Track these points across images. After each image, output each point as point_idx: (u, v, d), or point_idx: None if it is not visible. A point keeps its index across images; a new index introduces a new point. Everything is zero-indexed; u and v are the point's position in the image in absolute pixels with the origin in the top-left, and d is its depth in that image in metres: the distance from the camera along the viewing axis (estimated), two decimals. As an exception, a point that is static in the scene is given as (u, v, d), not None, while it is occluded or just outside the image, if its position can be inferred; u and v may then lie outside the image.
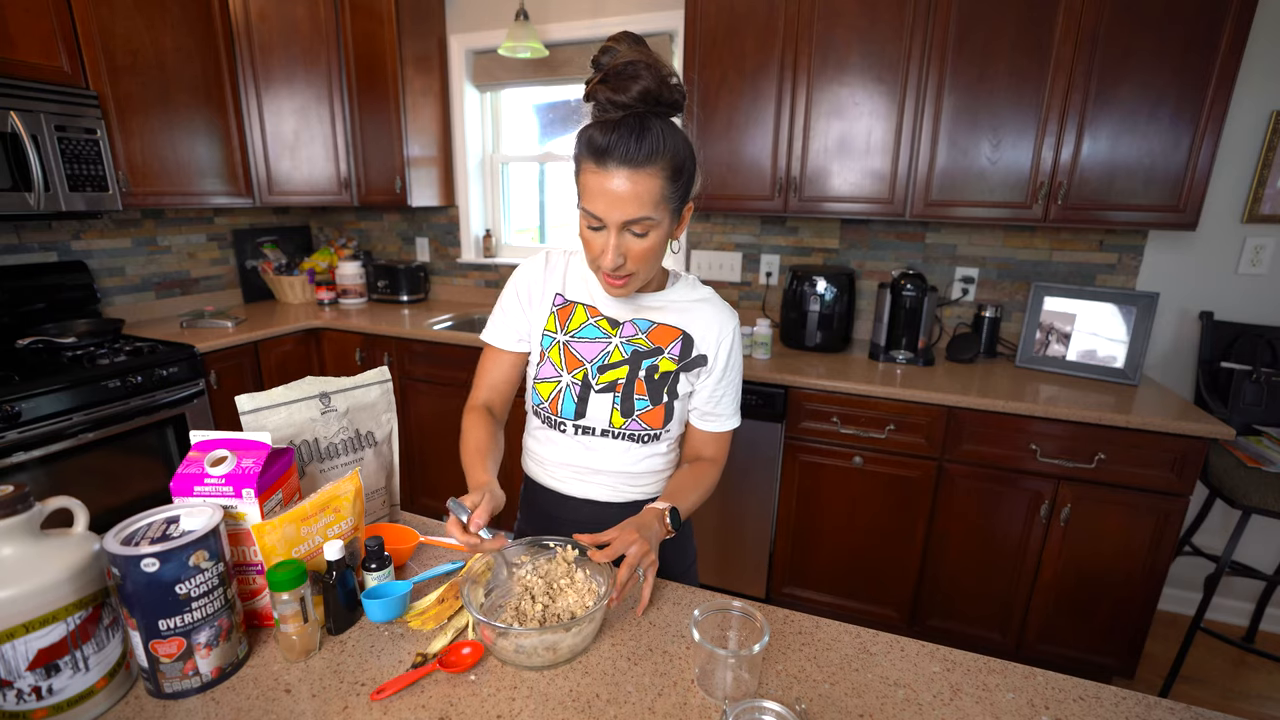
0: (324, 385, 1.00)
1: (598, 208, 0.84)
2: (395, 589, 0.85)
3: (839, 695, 0.73)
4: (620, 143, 0.80)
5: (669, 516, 0.92)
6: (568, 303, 1.03)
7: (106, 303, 2.52)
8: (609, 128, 0.81)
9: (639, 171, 0.82)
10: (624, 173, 0.81)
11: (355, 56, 2.66)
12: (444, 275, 3.20)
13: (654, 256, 0.90)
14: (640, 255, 0.88)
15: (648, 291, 1.03)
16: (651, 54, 0.83)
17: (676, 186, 0.86)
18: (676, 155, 0.84)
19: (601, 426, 1.01)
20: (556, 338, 1.01)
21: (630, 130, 0.81)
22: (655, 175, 0.83)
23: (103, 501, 1.95)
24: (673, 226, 0.91)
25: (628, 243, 0.87)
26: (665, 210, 0.86)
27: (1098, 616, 1.84)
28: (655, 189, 0.83)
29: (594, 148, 0.82)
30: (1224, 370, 2.00)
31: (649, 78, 0.81)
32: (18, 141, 1.85)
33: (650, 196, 0.83)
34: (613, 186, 0.82)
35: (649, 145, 0.81)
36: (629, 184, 0.82)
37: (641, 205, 0.83)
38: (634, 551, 0.83)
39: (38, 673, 0.63)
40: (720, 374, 1.03)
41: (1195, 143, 1.73)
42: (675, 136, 0.85)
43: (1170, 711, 0.71)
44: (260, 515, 0.78)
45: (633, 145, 0.80)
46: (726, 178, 2.21)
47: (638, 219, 0.84)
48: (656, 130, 0.82)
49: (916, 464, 1.91)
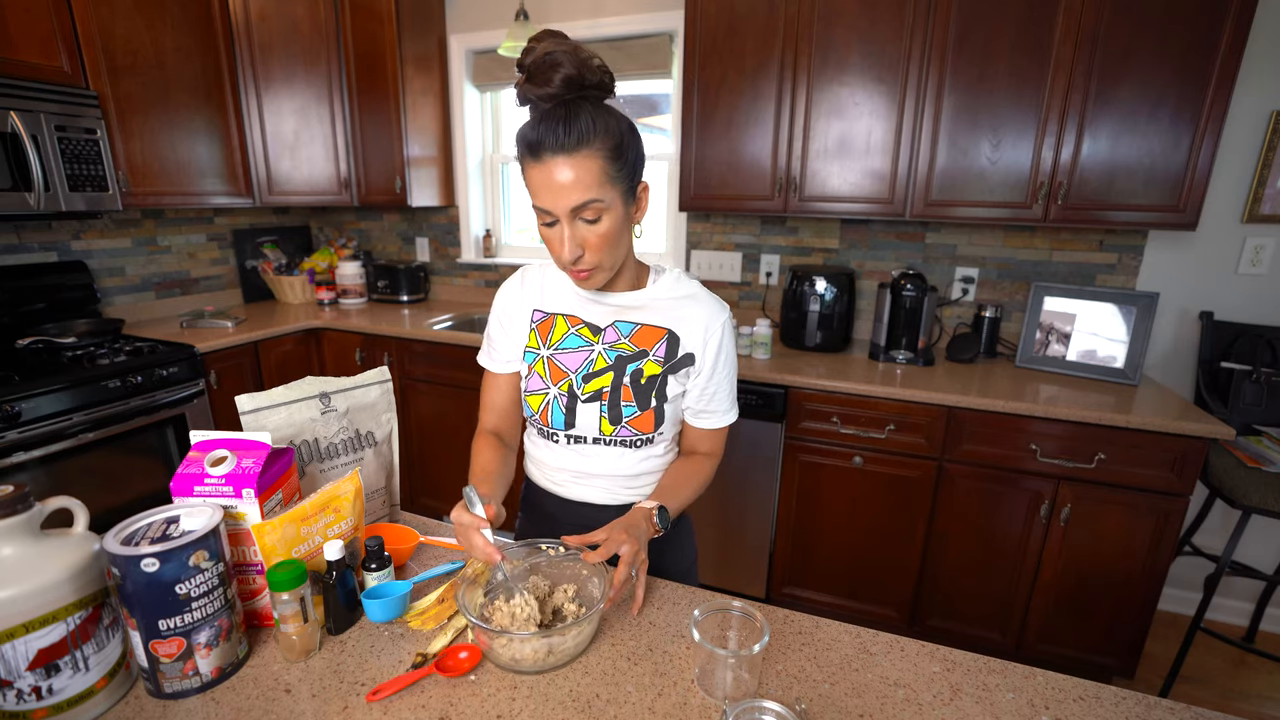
0: (324, 385, 1.00)
1: (544, 200, 0.84)
2: (395, 589, 0.85)
3: (839, 695, 0.73)
4: (549, 131, 0.80)
5: (657, 515, 0.91)
6: (547, 316, 1.02)
7: (106, 303, 2.52)
8: (536, 121, 0.82)
9: (574, 156, 0.81)
10: (560, 160, 0.81)
11: (355, 56, 2.66)
12: (444, 275, 3.20)
13: (613, 242, 0.88)
14: (598, 243, 0.87)
15: (625, 290, 1.00)
16: (569, 42, 0.82)
17: (620, 166, 0.85)
18: (612, 134, 0.83)
19: (592, 435, 1.00)
20: (540, 353, 1.01)
21: (557, 118, 0.81)
22: (592, 156, 0.82)
23: (103, 501, 1.95)
24: (628, 210, 0.90)
25: (582, 232, 0.86)
26: (613, 191, 0.85)
27: (1098, 616, 1.84)
28: (595, 170, 0.82)
29: (528, 143, 0.82)
30: (1224, 370, 2.00)
31: (569, 64, 0.80)
32: (18, 141, 1.85)
33: (591, 178, 0.82)
34: (553, 176, 0.82)
35: (579, 128, 0.81)
36: (567, 170, 0.81)
37: (585, 189, 0.82)
38: (627, 551, 0.82)
39: (38, 673, 0.63)
40: (710, 371, 1.00)
41: (1195, 143, 1.73)
42: (608, 116, 0.84)
43: (1170, 711, 0.71)
44: (260, 515, 0.78)
45: (561, 132, 0.80)
46: (726, 177, 2.21)
47: (584, 203, 0.83)
48: (585, 113, 0.81)
49: (916, 464, 1.91)
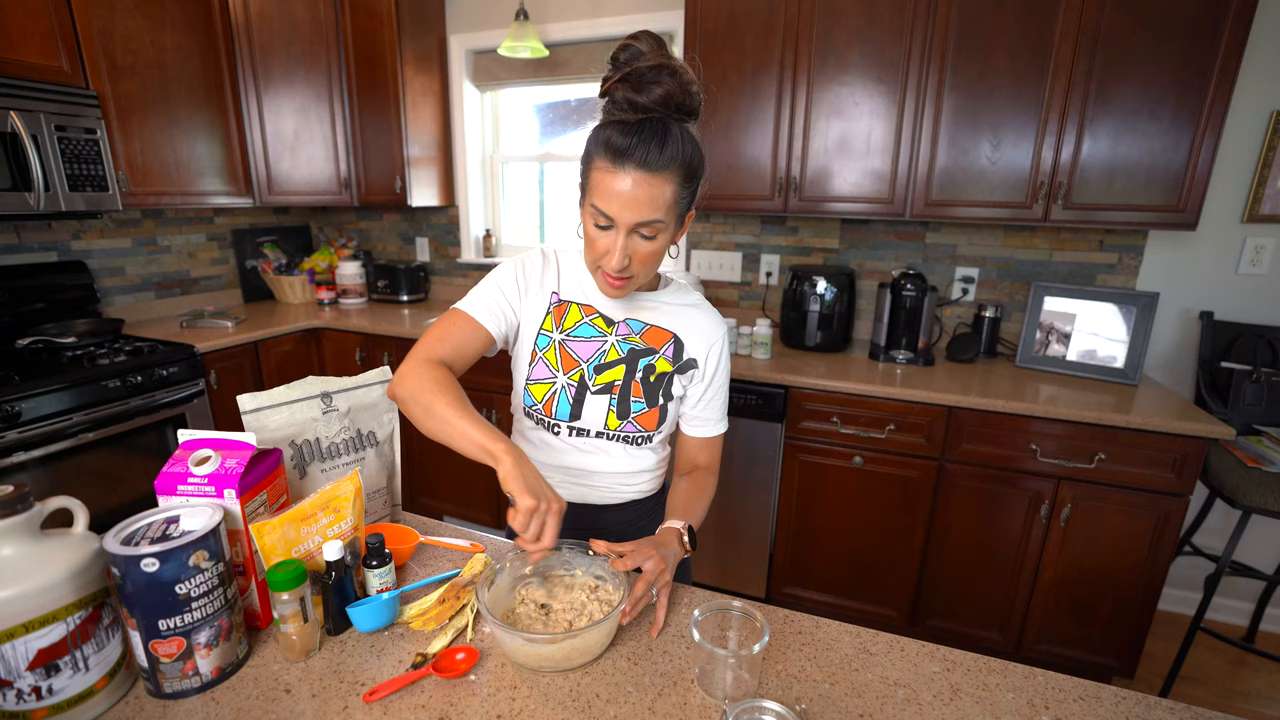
0: (325, 385, 1.00)
1: (611, 208, 0.83)
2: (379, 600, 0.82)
3: (839, 695, 0.73)
4: (641, 146, 0.80)
5: (686, 535, 0.93)
6: (563, 301, 1.02)
7: (106, 303, 2.52)
8: (631, 130, 0.81)
9: (655, 175, 0.81)
10: (640, 175, 0.81)
11: (355, 56, 2.66)
12: (444, 275, 3.20)
13: (657, 260, 0.90)
14: (645, 258, 0.88)
15: (641, 290, 1.03)
16: (675, 59, 0.83)
17: (687, 192, 0.87)
18: (691, 162, 0.85)
19: (596, 428, 1.00)
20: (553, 337, 1.00)
21: (653, 134, 0.80)
22: (670, 180, 0.83)
23: (103, 501, 1.95)
24: (676, 231, 0.91)
25: (635, 244, 0.87)
26: (673, 215, 0.86)
27: (1098, 616, 1.84)
28: (668, 194, 0.83)
29: (612, 148, 0.81)
30: (1224, 370, 1.99)
31: (672, 83, 0.81)
32: (18, 141, 1.85)
33: (663, 200, 0.83)
34: (628, 188, 0.82)
35: (669, 151, 0.81)
36: (645, 187, 0.82)
37: (655, 209, 0.83)
38: (650, 567, 0.83)
39: (38, 673, 0.63)
40: (710, 379, 1.04)
41: (1195, 142, 1.73)
42: (691, 143, 0.85)
43: (1170, 711, 0.71)
44: (241, 516, 0.78)
45: (654, 150, 0.80)
46: (727, 177, 2.21)
47: (649, 222, 0.84)
48: (676, 138, 0.82)
49: (916, 464, 1.91)
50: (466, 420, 0.82)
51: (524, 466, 0.78)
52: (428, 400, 0.85)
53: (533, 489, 0.75)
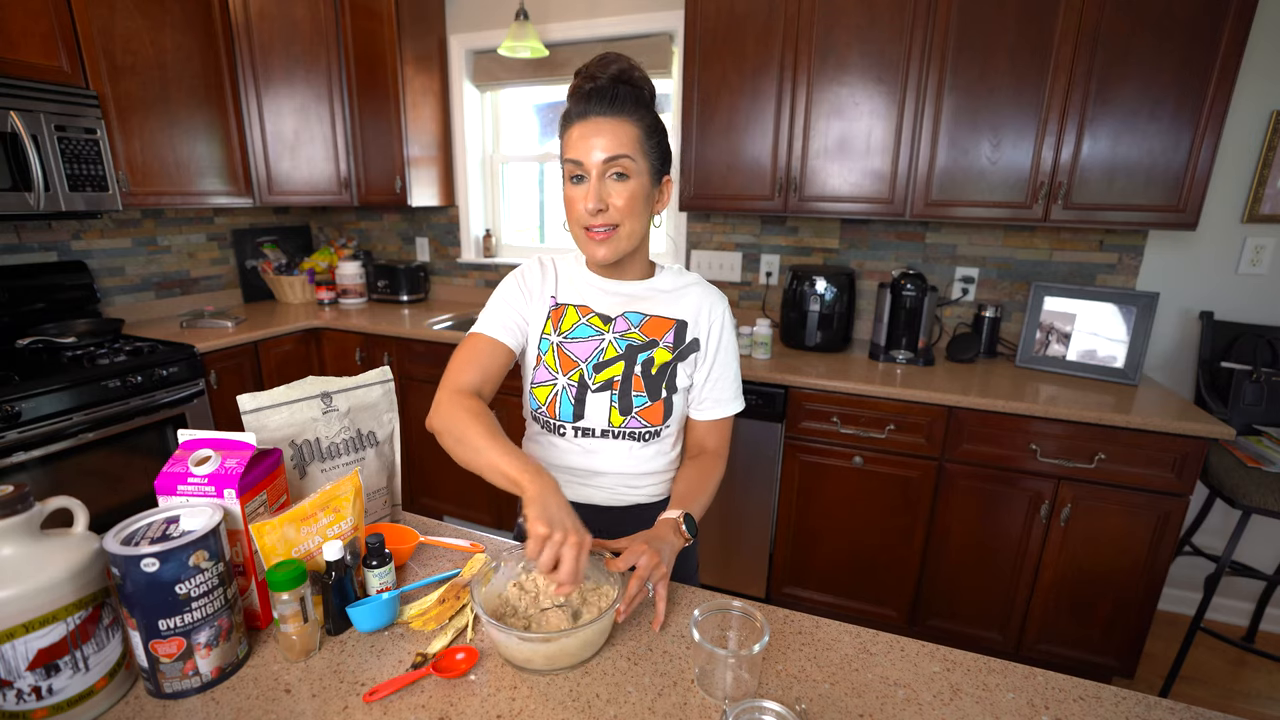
0: (326, 385, 1.00)
1: (579, 152, 0.90)
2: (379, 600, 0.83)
3: (839, 695, 0.73)
4: (597, 95, 0.90)
5: (684, 524, 0.92)
6: (559, 305, 1.03)
7: (106, 303, 2.52)
8: (587, 91, 0.92)
9: (614, 118, 0.89)
10: (601, 119, 0.89)
11: (355, 56, 2.66)
12: (444, 275, 3.20)
13: (635, 206, 0.93)
14: (623, 202, 0.92)
15: (633, 278, 1.04)
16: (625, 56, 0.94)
17: (652, 144, 0.93)
18: (648, 115, 0.93)
19: (601, 427, 1.01)
20: (551, 340, 1.01)
21: (608, 88, 0.91)
22: (631, 123, 0.90)
23: (103, 501, 1.95)
24: (653, 189, 0.95)
25: (608, 188, 0.91)
26: (643, 161, 0.92)
27: (1098, 616, 1.84)
28: (632, 133, 0.90)
29: (574, 106, 0.92)
30: (1224, 370, 2.00)
31: (621, 62, 0.93)
32: (18, 141, 1.85)
33: (627, 137, 0.90)
34: (591, 130, 0.89)
35: (622, 98, 0.90)
36: (607, 126, 0.89)
37: (619, 144, 0.89)
38: (643, 563, 0.83)
39: (38, 673, 0.63)
40: (714, 355, 1.04)
41: (1195, 142, 1.73)
42: (647, 105, 0.94)
43: (1170, 711, 0.71)
44: (241, 515, 0.78)
45: (608, 98, 0.90)
46: (726, 177, 2.21)
47: (615, 157, 0.89)
48: (629, 94, 0.91)
49: (916, 464, 1.91)
50: (495, 450, 0.82)
51: (548, 496, 0.77)
52: (460, 431, 0.87)
53: (549, 518, 0.74)
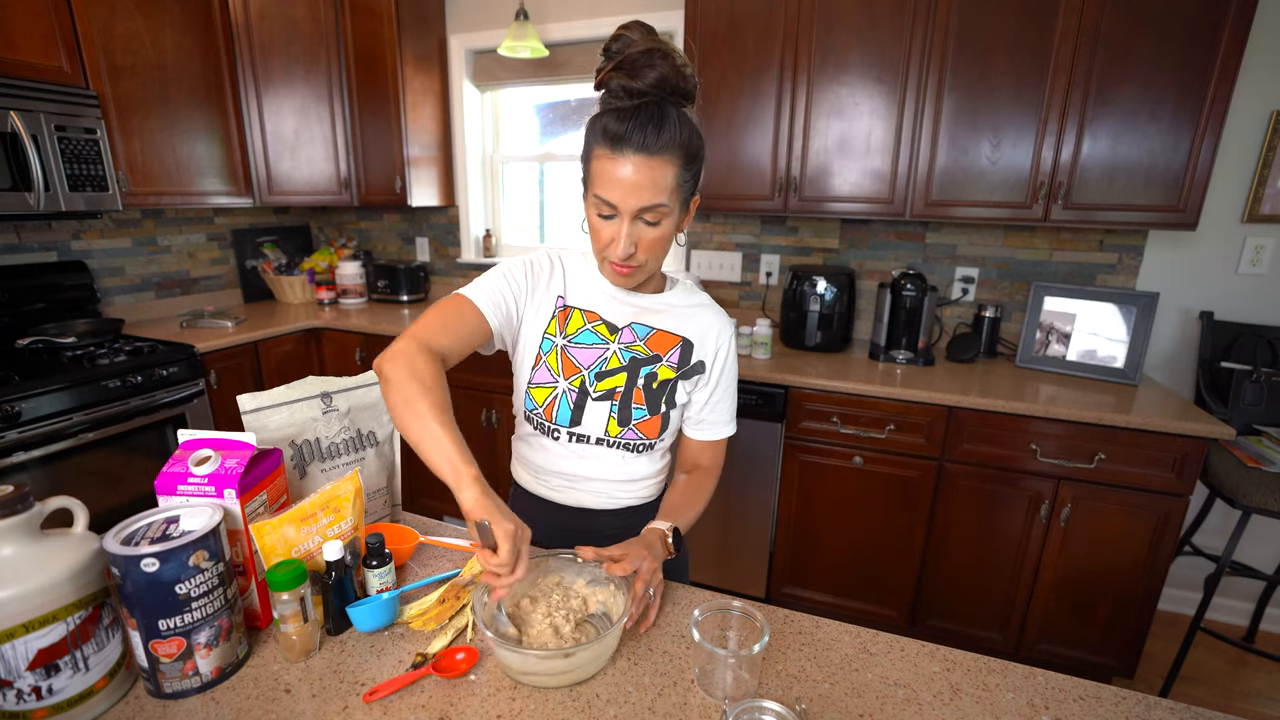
0: (326, 385, 1.00)
1: (612, 195, 0.83)
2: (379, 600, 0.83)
3: (839, 695, 0.73)
4: (638, 130, 0.80)
5: (671, 537, 0.92)
6: (567, 307, 1.00)
7: (106, 303, 2.52)
8: (626, 115, 0.81)
9: (654, 159, 0.81)
10: (640, 160, 0.81)
11: (355, 56, 2.66)
12: (444, 275, 3.20)
13: (663, 246, 0.90)
14: (650, 244, 0.88)
15: (647, 292, 1.01)
16: (666, 43, 0.82)
17: (689, 177, 0.87)
18: (690, 144, 0.85)
19: (597, 435, 0.99)
20: (556, 342, 0.98)
21: (649, 118, 0.80)
22: (670, 163, 0.83)
23: (103, 501, 1.95)
24: (682, 217, 0.91)
25: (639, 231, 0.86)
26: (677, 199, 0.86)
27: (1098, 616, 1.84)
28: (670, 177, 0.83)
29: (610, 135, 0.81)
30: (1224, 370, 1.99)
31: (665, 66, 0.81)
32: (18, 141, 1.85)
33: (665, 184, 0.83)
34: (628, 173, 0.81)
35: (667, 134, 0.81)
36: (645, 171, 0.81)
37: (656, 192, 0.83)
38: (646, 568, 0.83)
39: (38, 673, 0.63)
40: (716, 381, 1.03)
41: (1195, 142, 1.73)
42: (689, 125, 0.85)
43: (1170, 711, 0.71)
44: (241, 515, 0.78)
45: (650, 133, 0.80)
46: (726, 177, 2.21)
47: (652, 206, 0.84)
48: (673, 118, 0.82)
49: (916, 464, 1.91)
50: (445, 431, 0.76)
51: (492, 495, 0.74)
52: (412, 394, 0.78)
53: (507, 515, 0.72)
